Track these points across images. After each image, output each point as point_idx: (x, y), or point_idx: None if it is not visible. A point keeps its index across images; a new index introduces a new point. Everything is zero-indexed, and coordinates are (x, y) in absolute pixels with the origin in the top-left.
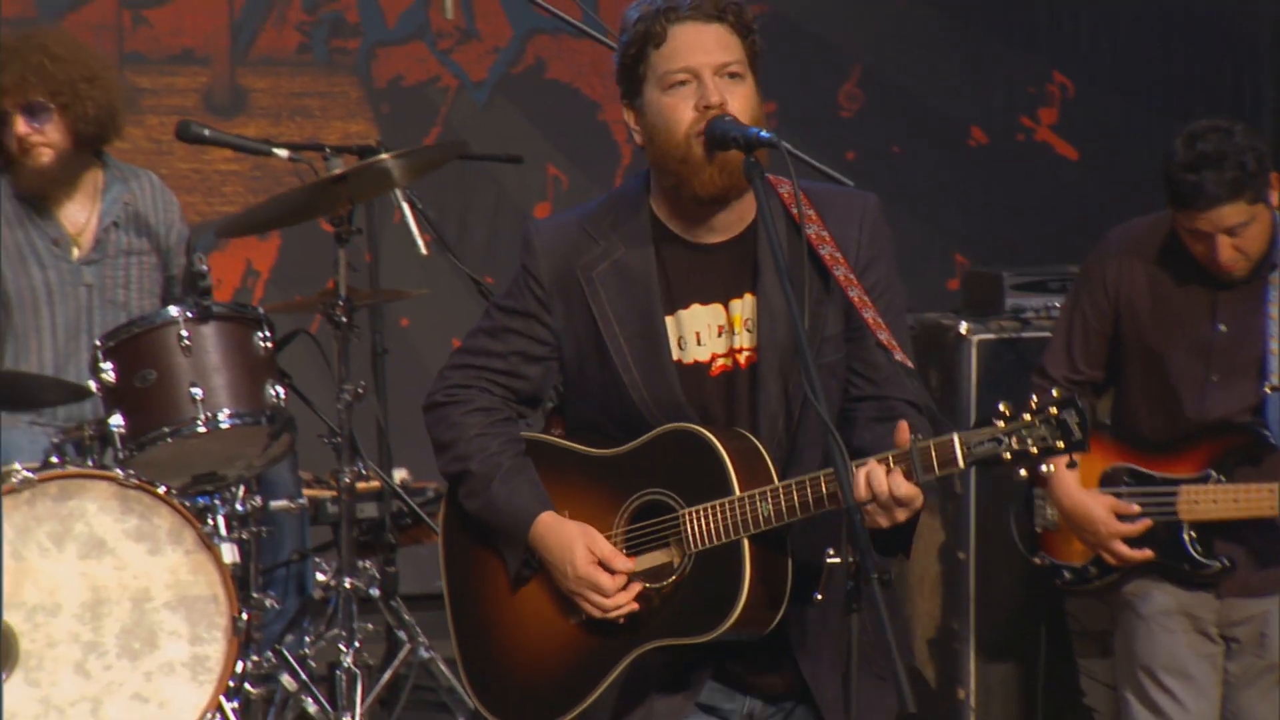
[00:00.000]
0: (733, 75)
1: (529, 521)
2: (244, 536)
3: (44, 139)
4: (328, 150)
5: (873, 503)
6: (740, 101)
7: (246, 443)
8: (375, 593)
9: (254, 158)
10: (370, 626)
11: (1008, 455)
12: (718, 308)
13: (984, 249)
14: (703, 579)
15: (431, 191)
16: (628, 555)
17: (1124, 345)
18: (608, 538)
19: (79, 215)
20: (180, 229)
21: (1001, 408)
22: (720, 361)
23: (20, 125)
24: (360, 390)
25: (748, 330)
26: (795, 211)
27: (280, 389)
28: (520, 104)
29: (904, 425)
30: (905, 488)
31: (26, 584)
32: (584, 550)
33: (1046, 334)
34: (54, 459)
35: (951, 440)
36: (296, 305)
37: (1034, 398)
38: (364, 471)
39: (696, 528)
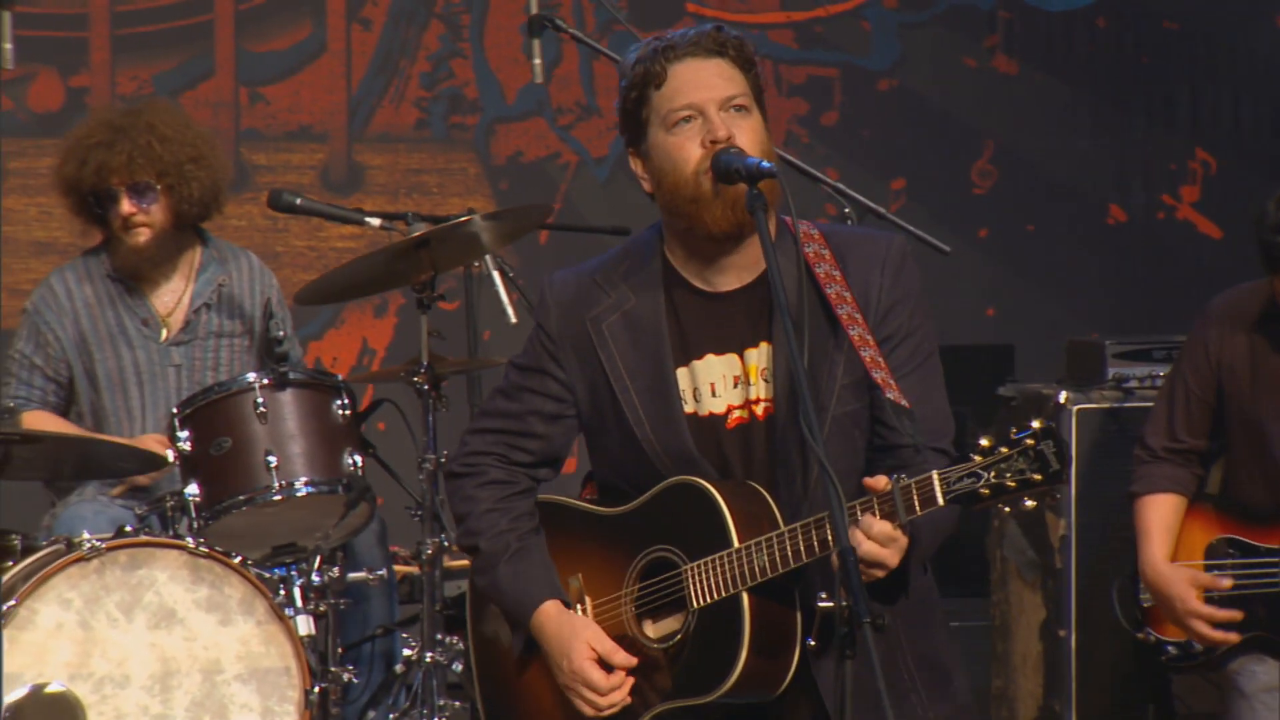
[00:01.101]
0: (739, 108)
1: (531, 609)
2: (321, 608)
3: (147, 219)
4: (410, 216)
5: (862, 562)
6: (748, 135)
7: (323, 512)
8: (459, 668)
9: (371, 234)
10: (456, 704)
11: (985, 490)
12: (733, 358)
13: (1122, 329)
14: (706, 636)
15: (543, 266)
16: (641, 616)
17: (1226, 413)
18: (619, 598)
19: (170, 296)
20: (279, 313)
21: (983, 441)
22: (737, 414)
23: (125, 204)
24: (442, 460)
25: (765, 380)
26: (808, 251)
27: (358, 458)
28: (629, 180)
29: (881, 479)
30: (878, 526)
31: (95, 655)
32: (583, 646)
33: (1150, 403)
34: (128, 528)
35: (930, 478)
36: (381, 374)
37: (1012, 429)
38: (447, 544)
39: (698, 583)
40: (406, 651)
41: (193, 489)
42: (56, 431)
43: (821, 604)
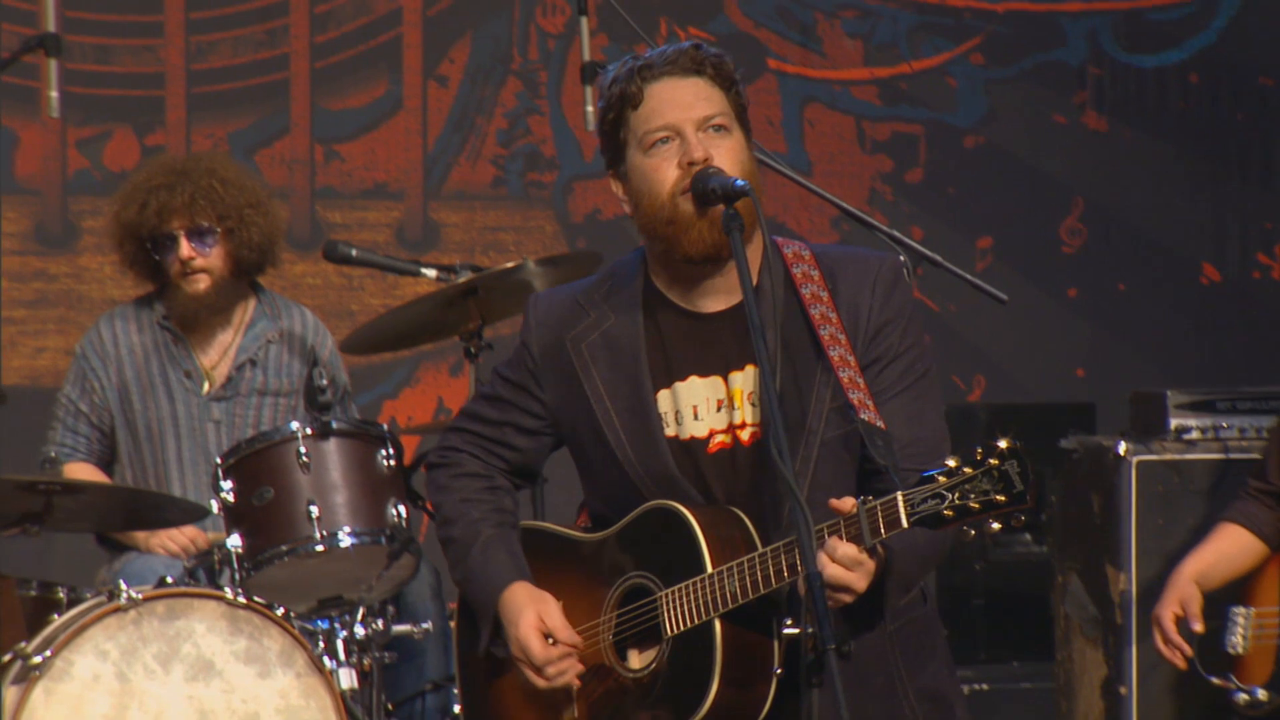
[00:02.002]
0: (717, 128)
1: (499, 591)
2: (366, 662)
3: (206, 263)
4: (458, 266)
5: (828, 588)
6: (727, 154)
7: (367, 563)
8: None
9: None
10: None
11: (949, 512)
12: (717, 380)
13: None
14: (679, 666)
15: None
16: (620, 644)
17: None
18: (597, 626)
19: (216, 349)
20: (329, 366)
21: (950, 462)
22: (719, 438)
23: (185, 248)
24: None
25: (751, 405)
26: (796, 272)
27: (403, 509)
28: None
29: (848, 501)
30: (843, 549)
31: (132, 707)
32: (531, 616)
33: (1212, 456)
34: (169, 579)
35: (895, 499)
36: (433, 427)
37: (978, 450)
38: None
39: (673, 611)
40: (457, 708)
41: (235, 540)
42: (98, 481)
43: (787, 630)
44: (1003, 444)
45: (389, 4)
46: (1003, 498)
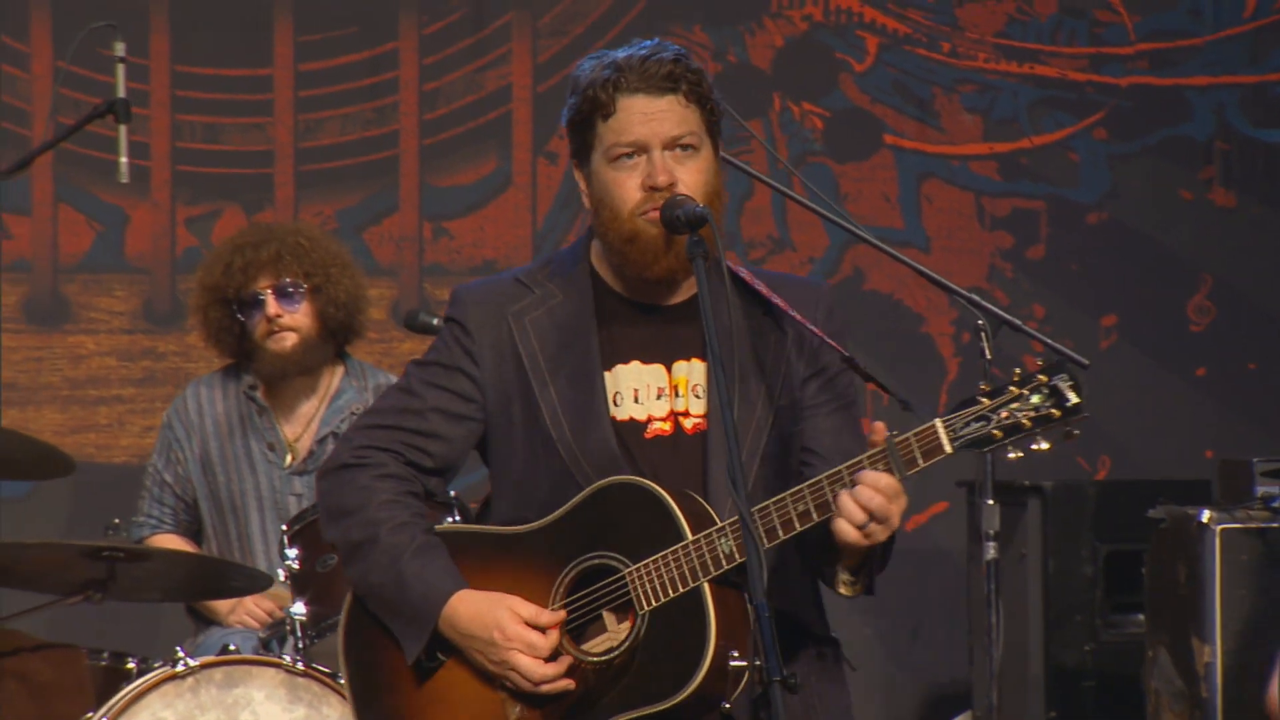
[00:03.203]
0: (685, 147)
1: (442, 600)
2: None
3: (293, 321)
4: None
5: (870, 521)
6: (692, 176)
7: None
8: None
9: None
10: None
11: (998, 432)
12: (659, 368)
13: None
14: (663, 637)
15: None
16: (570, 634)
17: None
18: None
19: (300, 421)
20: None
21: (981, 386)
22: (658, 424)
23: (272, 305)
24: None
25: (696, 396)
26: (758, 286)
27: None
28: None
29: (879, 424)
30: (885, 479)
31: None
32: (509, 613)
33: None
34: (231, 647)
35: (933, 426)
36: None
37: (1016, 370)
38: None
39: (647, 584)
40: None
41: (299, 607)
42: (161, 548)
43: (734, 663)
44: (1042, 361)
45: (498, 81)
46: (1057, 412)
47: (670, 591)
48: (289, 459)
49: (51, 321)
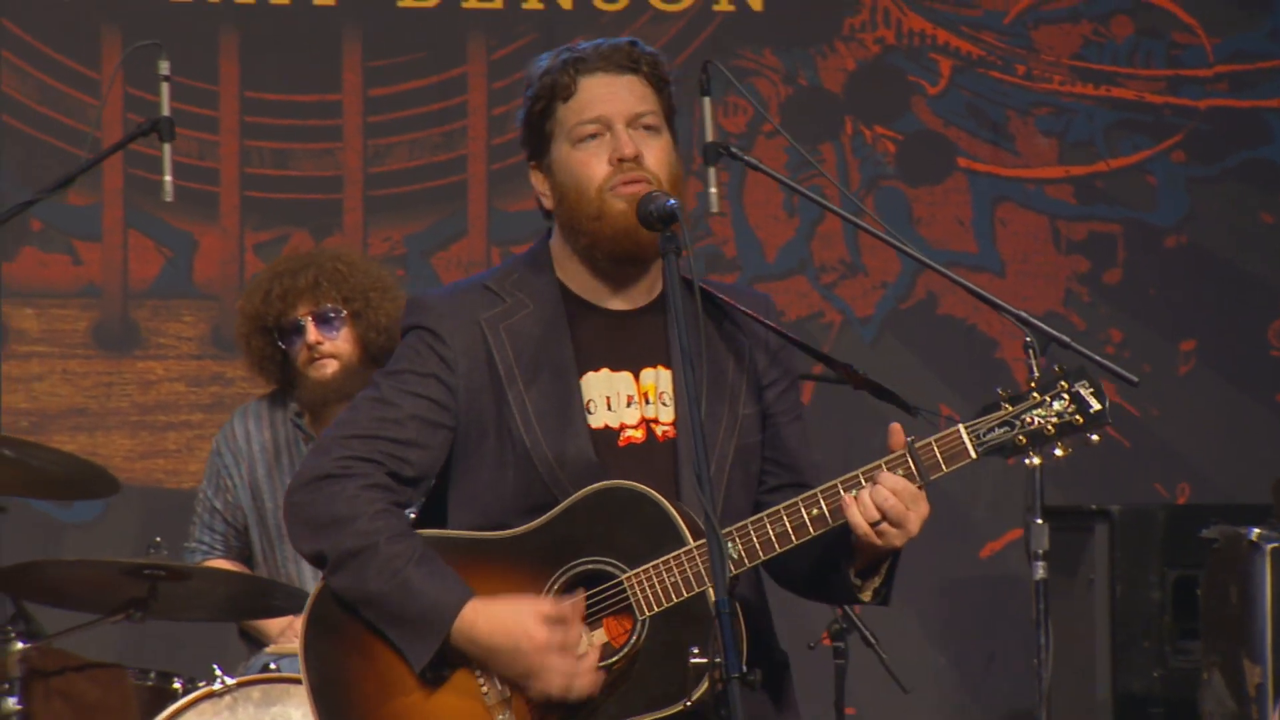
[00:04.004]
0: (648, 128)
1: (456, 607)
2: None
3: (333, 347)
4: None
5: (883, 521)
6: (656, 154)
7: None
8: None
9: None
10: None
11: (1023, 439)
12: (628, 376)
13: None
14: (666, 643)
15: (813, 431)
16: None
17: None
18: None
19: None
20: None
21: (1001, 392)
22: (629, 432)
23: (312, 333)
24: None
25: (663, 404)
26: (719, 295)
27: None
28: (910, 341)
29: (897, 426)
30: (903, 483)
31: None
32: (534, 616)
33: None
34: (271, 665)
35: (957, 431)
36: None
37: (1034, 377)
38: None
39: (649, 589)
40: None
41: None
42: (203, 567)
43: (694, 659)
44: (1057, 368)
45: None
46: (1081, 419)
47: (674, 596)
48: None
49: (121, 347)
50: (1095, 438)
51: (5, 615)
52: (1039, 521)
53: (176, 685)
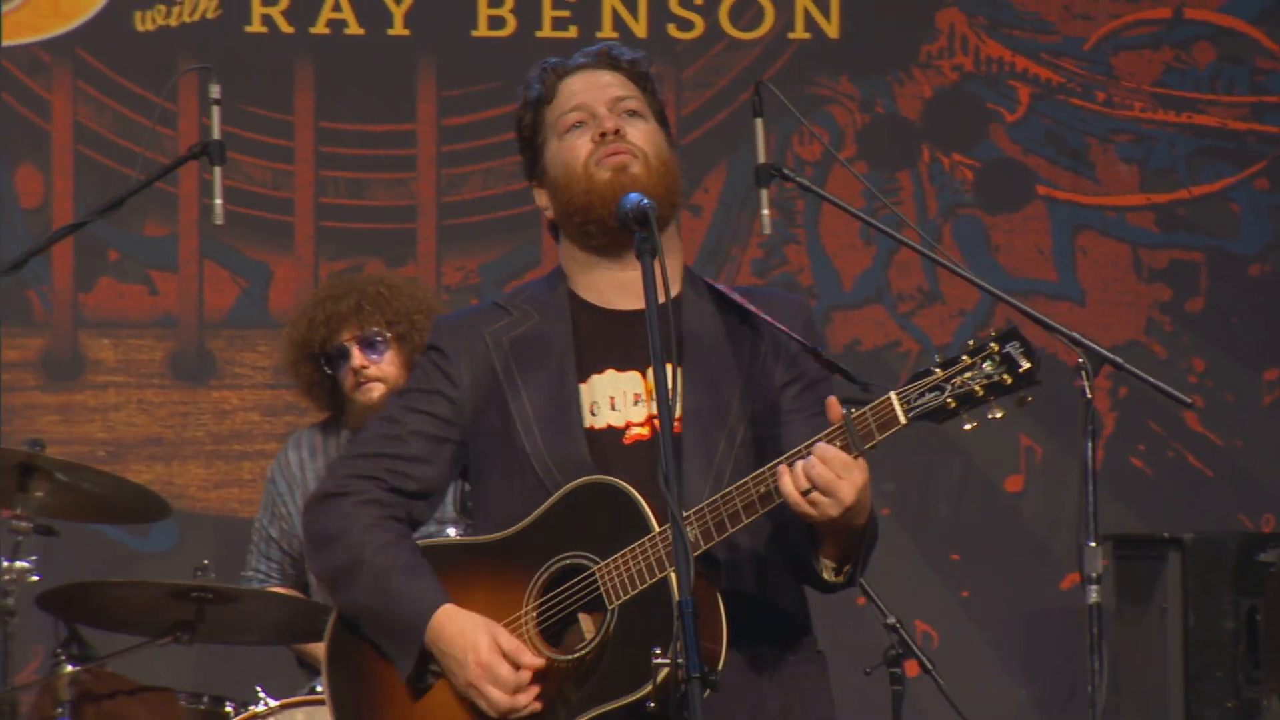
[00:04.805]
0: (631, 111)
1: (429, 613)
2: None
3: (379, 372)
4: None
5: (813, 490)
6: (641, 133)
7: None
8: None
9: None
10: None
11: (952, 402)
12: (635, 375)
13: None
14: (631, 631)
15: (889, 457)
16: (547, 634)
17: None
18: (518, 619)
19: None
20: None
21: (937, 358)
22: (636, 430)
23: (357, 357)
24: None
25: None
26: (719, 288)
27: None
28: None
29: (833, 400)
30: (833, 451)
31: None
32: (488, 640)
33: None
34: (317, 688)
35: (888, 399)
36: None
37: (972, 340)
38: None
39: (615, 578)
40: None
41: None
42: (250, 589)
43: (656, 660)
44: (993, 331)
45: None
46: (1009, 379)
47: (638, 584)
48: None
49: (197, 377)
50: (1029, 398)
51: (59, 639)
52: (1092, 545)
53: (228, 709)
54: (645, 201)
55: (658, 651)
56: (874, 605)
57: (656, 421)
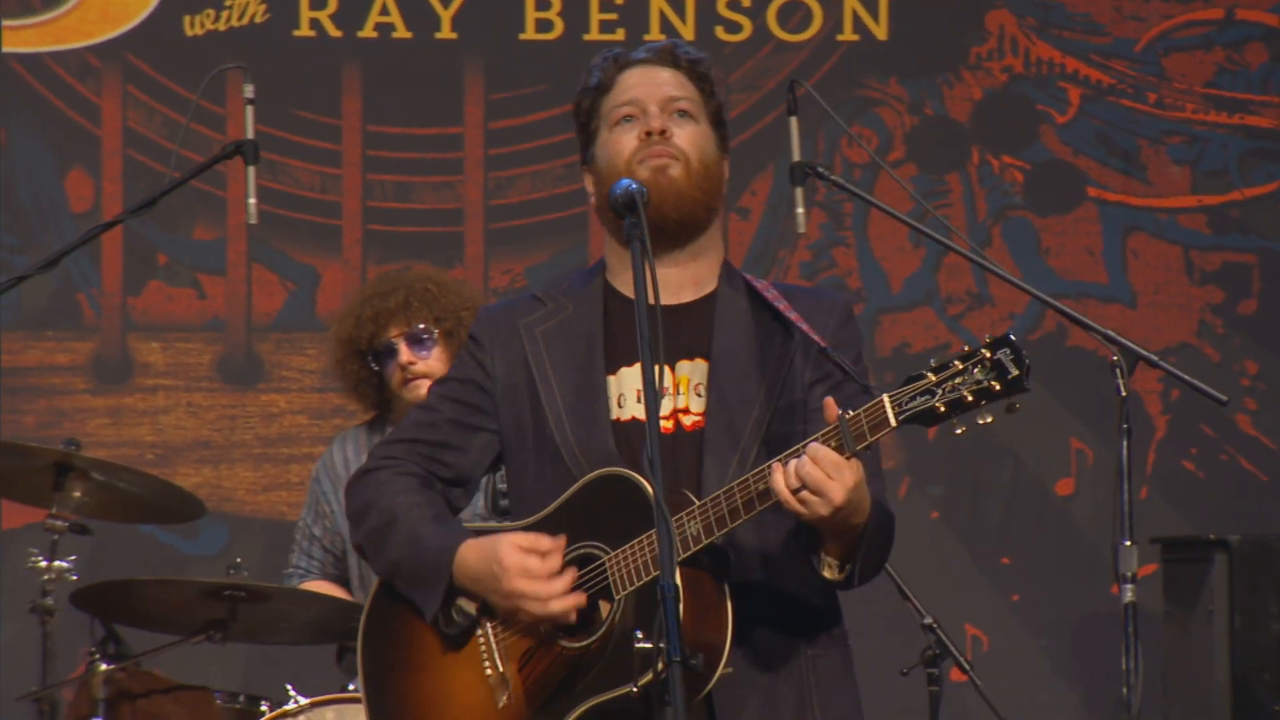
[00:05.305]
0: (682, 112)
1: (455, 547)
2: None
3: (426, 368)
4: None
5: (803, 489)
6: (688, 135)
7: None
8: None
9: None
10: None
11: (942, 407)
12: (663, 368)
13: None
14: (636, 622)
15: (938, 464)
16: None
17: None
18: None
19: None
20: None
21: (932, 362)
22: (661, 423)
23: (404, 353)
24: None
25: (697, 395)
26: (758, 285)
27: None
28: (1039, 373)
29: (830, 401)
30: (824, 451)
31: None
32: (507, 544)
33: None
34: (350, 687)
35: (881, 402)
36: None
37: (966, 345)
38: None
39: (623, 569)
40: None
41: None
42: (283, 588)
43: (639, 644)
44: (988, 337)
45: None
46: (998, 385)
47: (643, 575)
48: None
49: (245, 380)
50: (1017, 405)
51: (96, 638)
52: (1127, 544)
53: (264, 708)
54: (634, 186)
55: (639, 635)
56: (911, 605)
57: (681, 416)
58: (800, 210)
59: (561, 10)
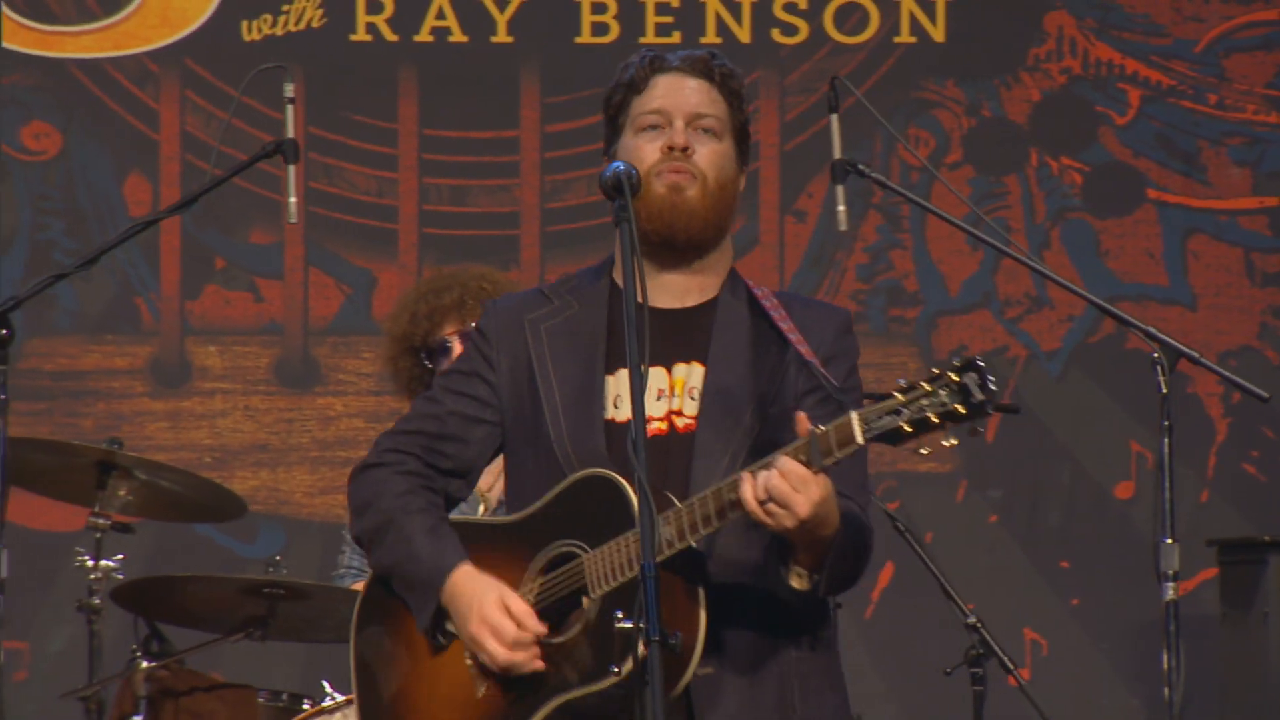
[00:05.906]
0: (707, 130)
1: (448, 570)
2: None
3: None
4: None
5: (770, 501)
6: (709, 154)
7: None
8: None
9: None
10: None
11: (907, 427)
12: (659, 370)
13: None
14: (609, 621)
15: (996, 468)
16: (540, 614)
17: None
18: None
19: (490, 472)
20: None
21: (902, 381)
22: (655, 425)
23: (458, 351)
24: None
25: (690, 398)
26: (758, 292)
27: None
28: (1097, 375)
29: (802, 415)
30: (791, 464)
31: None
32: (497, 597)
33: None
34: None
35: (849, 419)
36: None
37: (936, 367)
38: None
39: (600, 568)
40: None
41: None
42: (323, 585)
43: (619, 624)
44: (957, 361)
45: None
46: (961, 409)
47: (618, 576)
48: (481, 509)
49: (302, 384)
50: (980, 429)
51: (139, 636)
52: (1168, 541)
53: (306, 706)
54: (622, 168)
55: (620, 615)
56: (954, 605)
57: (675, 418)
58: (841, 208)
59: (617, 13)
